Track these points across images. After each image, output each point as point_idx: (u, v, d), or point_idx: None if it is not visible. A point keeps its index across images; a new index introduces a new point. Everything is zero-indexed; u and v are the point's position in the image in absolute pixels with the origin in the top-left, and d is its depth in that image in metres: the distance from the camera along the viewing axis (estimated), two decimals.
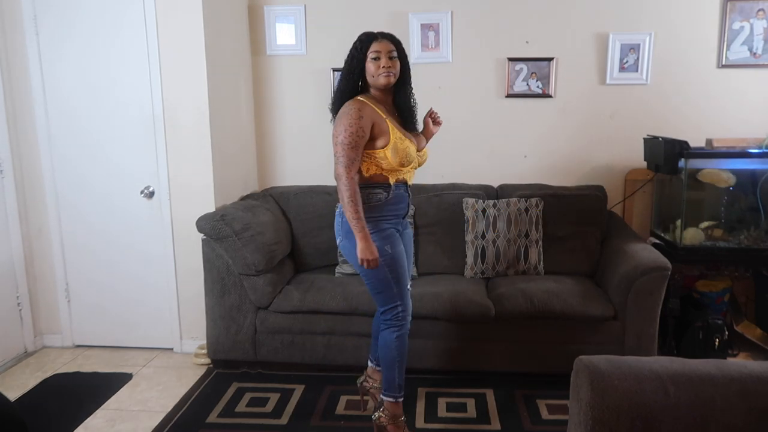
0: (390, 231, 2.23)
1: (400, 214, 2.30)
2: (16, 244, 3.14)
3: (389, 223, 2.24)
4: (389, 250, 2.19)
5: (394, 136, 2.16)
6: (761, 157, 2.90)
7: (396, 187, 2.23)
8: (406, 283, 2.26)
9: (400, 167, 2.19)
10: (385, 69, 2.13)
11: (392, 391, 2.29)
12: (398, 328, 2.25)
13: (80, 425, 2.50)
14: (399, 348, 2.26)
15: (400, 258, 2.23)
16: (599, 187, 3.29)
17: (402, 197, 2.27)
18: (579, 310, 2.69)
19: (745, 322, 3.21)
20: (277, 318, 2.84)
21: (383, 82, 2.14)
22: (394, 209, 2.25)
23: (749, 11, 3.22)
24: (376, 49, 2.13)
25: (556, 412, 2.55)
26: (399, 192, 2.25)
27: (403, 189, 2.28)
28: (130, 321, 3.25)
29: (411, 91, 2.28)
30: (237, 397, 2.72)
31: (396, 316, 2.25)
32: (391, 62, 2.14)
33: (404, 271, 2.25)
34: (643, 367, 1.35)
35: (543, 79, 3.39)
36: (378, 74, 2.13)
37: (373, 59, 2.13)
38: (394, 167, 2.17)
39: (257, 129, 3.61)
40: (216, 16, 3.05)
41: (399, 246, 2.24)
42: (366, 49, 2.14)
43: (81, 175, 3.14)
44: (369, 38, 2.15)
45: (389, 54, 2.14)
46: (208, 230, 2.78)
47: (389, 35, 2.19)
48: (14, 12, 3.01)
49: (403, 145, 2.18)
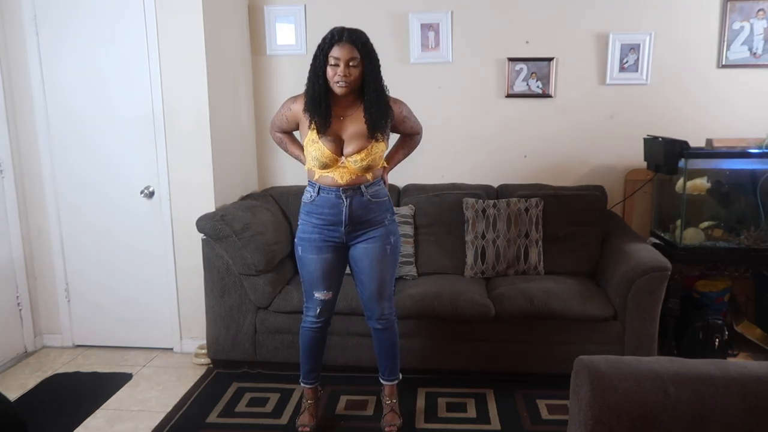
0: (307, 237, 2.28)
1: (328, 221, 2.25)
2: (16, 244, 3.14)
3: (314, 228, 2.27)
4: (299, 252, 2.32)
5: (309, 137, 2.21)
6: (761, 157, 2.90)
7: (327, 191, 2.23)
8: (310, 288, 2.33)
9: (313, 168, 2.24)
10: (340, 77, 2.09)
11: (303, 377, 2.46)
12: (302, 321, 2.41)
13: (80, 425, 2.50)
14: (300, 337, 2.42)
15: (307, 265, 2.30)
16: (599, 187, 3.29)
17: (330, 202, 2.23)
18: (579, 310, 2.69)
19: (745, 322, 3.21)
20: (277, 318, 2.84)
21: (337, 92, 2.14)
22: (318, 213, 2.25)
23: (749, 11, 3.22)
24: (336, 54, 2.09)
25: (556, 412, 2.55)
26: (327, 197, 2.23)
27: (335, 195, 2.22)
28: (130, 321, 3.25)
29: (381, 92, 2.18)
30: (237, 397, 2.72)
31: (303, 308, 2.41)
32: (349, 71, 2.09)
33: (309, 278, 2.32)
34: (643, 367, 1.36)
35: (543, 79, 3.39)
36: (333, 81, 2.12)
37: (332, 65, 2.10)
38: (310, 166, 2.26)
39: (257, 129, 3.61)
40: (216, 16, 3.05)
41: (312, 254, 2.27)
42: (328, 51, 2.10)
43: (81, 175, 3.14)
44: (332, 39, 2.10)
45: (348, 62, 2.09)
46: (208, 230, 2.79)
47: (355, 35, 2.11)
48: (14, 12, 3.01)
49: (312, 147, 2.20)
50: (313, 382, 2.46)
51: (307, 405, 2.45)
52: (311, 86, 2.17)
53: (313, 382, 2.46)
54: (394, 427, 2.38)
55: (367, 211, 2.26)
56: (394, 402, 2.46)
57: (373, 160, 2.22)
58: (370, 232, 2.28)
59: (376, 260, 2.29)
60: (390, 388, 2.47)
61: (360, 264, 2.31)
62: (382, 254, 2.29)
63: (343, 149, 2.21)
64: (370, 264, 2.29)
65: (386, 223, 2.31)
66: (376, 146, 2.21)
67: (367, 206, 2.25)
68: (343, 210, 2.23)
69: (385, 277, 2.33)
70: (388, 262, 2.33)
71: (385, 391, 2.49)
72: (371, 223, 2.27)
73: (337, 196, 2.22)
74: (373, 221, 2.28)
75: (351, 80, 2.11)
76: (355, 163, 2.19)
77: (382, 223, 2.30)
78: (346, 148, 2.20)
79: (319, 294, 2.32)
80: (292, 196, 3.30)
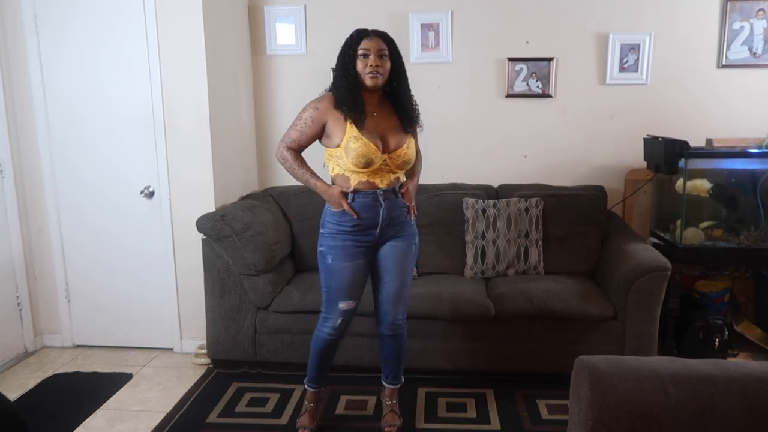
0: (342, 244, 2.18)
1: (364, 226, 2.18)
2: (16, 244, 3.13)
3: (346, 235, 2.18)
4: (329, 261, 2.21)
5: (349, 135, 2.09)
6: (761, 157, 2.90)
7: (363, 194, 2.15)
8: (335, 299, 2.23)
9: (356, 168, 2.11)
10: (371, 68, 2.07)
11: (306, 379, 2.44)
12: (318, 329, 2.33)
13: (80, 425, 2.50)
14: (313, 344, 2.36)
15: (337, 273, 2.20)
16: (599, 187, 3.29)
17: (367, 206, 2.16)
18: (579, 310, 2.69)
19: (745, 322, 3.21)
20: (277, 318, 2.84)
21: (369, 83, 2.09)
22: (355, 221, 2.16)
23: (749, 11, 3.22)
24: (366, 46, 2.08)
25: (556, 412, 2.55)
26: (365, 201, 2.15)
27: (372, 198, 2.16)
28: (130, 321, 3.25)
29: (409, 87, 2.21)
30: (237, 397, 2.72)
31: (320, 317, 2.32)
32: (380, 61, 2.08)
33: (337, 287, 2.22)
34: (643, 367, 1.35)
35: (543, 79, 3.39)
36: (364, 73, 2.08)
37: (362, 56, 2.08)
38: (350, 167, 2.12)
39: (257, 129, 3.61)
40: (216, 16, 3.05)
41: (345, 262, 2.18)
42: (357, 45, 2.09)
43: (81, 174, 3.14)
44: (360, 34, 2.11)
45: (379, 52, 2.08)
46: (208, 230, 2.79)
47: (382, 33, 2.14)
48: (14, 12, 3.01)
49: (356, 144, 2.08)
50: (317, 386, 2.44)
51: (308, 407, 2.44)
52: (342, 81, 2.12)
53: (318, 386, 2.45)
54: (394, 427, 2.38)
55: (399, 212, 2.25)
56: (394, 402, 2.46)
57: (411, 156, 2.21)
58: (399, 230, 2.26)
59: (401, 258, 2.28)
60: (391, 390, 2.47)
61: (384, 262, 2.27)
62: (407, 253, 2.29)
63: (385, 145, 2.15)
64: (395, 262, 2.27)
65: (410, 221, 2.30)
66: (410, 141, 2.21)
67: (400, 206, 2.24)
68: (381, 212, 2.18)
69: (406, 279, 2.31)
70: (410, 262, 2.33)
71: (385, 392, 2.49)
72: (400, 221, 2.26)
73: (374, 199, 2.17)
74: (400, 218, 2.26)
75: (383, 71, 2.09)
76: (398, 158, 2.16)
77: (407, 221, 2.28)
78: (389, 143, 2.15)
79: (343, 304, 2.24)
80: (292, 196, 3.30)
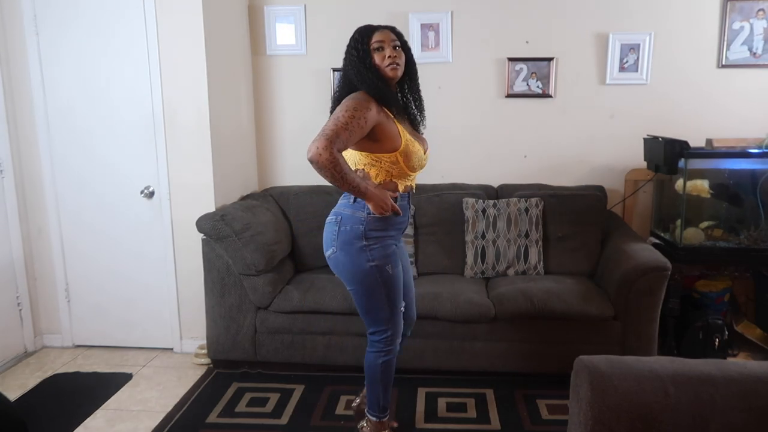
0: (393, 249, 2.08)
1: (402, 228, 2.16)
2: (16, 245, 3.13)
3: (393, 240, 2.10)
4: (390, 270, 2.04)
5: (405, 138, 1.99)
6: (761, 157, 2.90)
7: (401, 197, 2.09)
8: (399, 305, 2.12)
9: (412, 172, 2.05)
10: (390, 59, 1.95)
11: (375, 411, 2.21)
12: (385, 353, 2.13)
13: (80, 425, 2.50)
14: (385, 372, 2.14)
15: (398, 280, 2.09)
16: (599, 187, 3.29)
17: (405, 209, 2.12)
18: (579, 310, 2.69)
19: (745, 322, 3.21)
20: (277, 318, 2.84)
21: (389, 75, 1.96)
22: (399, 224, 2.11)
23: (749, 11, 3.22)
24: (379, 38, 1.96)
25: (556, 412, 2.55)
26: (403, 204, 2.11)
27: (407, 200, 2.14)
28: (130, 321, 3.25)
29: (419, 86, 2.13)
30: (237, 397, 2.72)
31: (384, 340, 2.12)
32: (396, 52, 1.97)
33: (400, 293, 2.11)
34: (643, 367, 1.35)
35: (543, 79, 3.39)
36: (383, 66, 1.96)
37: (377, 50, 1.96)
38: (405, 172, 2.03)
39: (257, 129, 3.61)
40: (216, 16, 3.05)
41: (397, 267, 2.09)
42: (369, 40, 1.97)
43: (81, 175, 3.14)
44: (368, 29, 2.00)
45: (392, 43, 1.98)
46: (208, 230, 2.79)
47: (391, 26, 2.05)
48: (14, 12, 3.01)
49: (415, 147, 2.02)
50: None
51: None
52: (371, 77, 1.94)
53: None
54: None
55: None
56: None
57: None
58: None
59: (405, 258, 2.28)
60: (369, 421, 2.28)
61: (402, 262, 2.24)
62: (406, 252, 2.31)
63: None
64: (406, 264, 2.27)
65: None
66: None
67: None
68: (409, 213, 2.18)
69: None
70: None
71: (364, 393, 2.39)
72: None
73: (408, 201, 2.15)
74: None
75: (401, 62, 1.99)
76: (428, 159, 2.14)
77: None
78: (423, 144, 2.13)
79: (402, 308, 2.15)
80: (292, 196, 3.30)
